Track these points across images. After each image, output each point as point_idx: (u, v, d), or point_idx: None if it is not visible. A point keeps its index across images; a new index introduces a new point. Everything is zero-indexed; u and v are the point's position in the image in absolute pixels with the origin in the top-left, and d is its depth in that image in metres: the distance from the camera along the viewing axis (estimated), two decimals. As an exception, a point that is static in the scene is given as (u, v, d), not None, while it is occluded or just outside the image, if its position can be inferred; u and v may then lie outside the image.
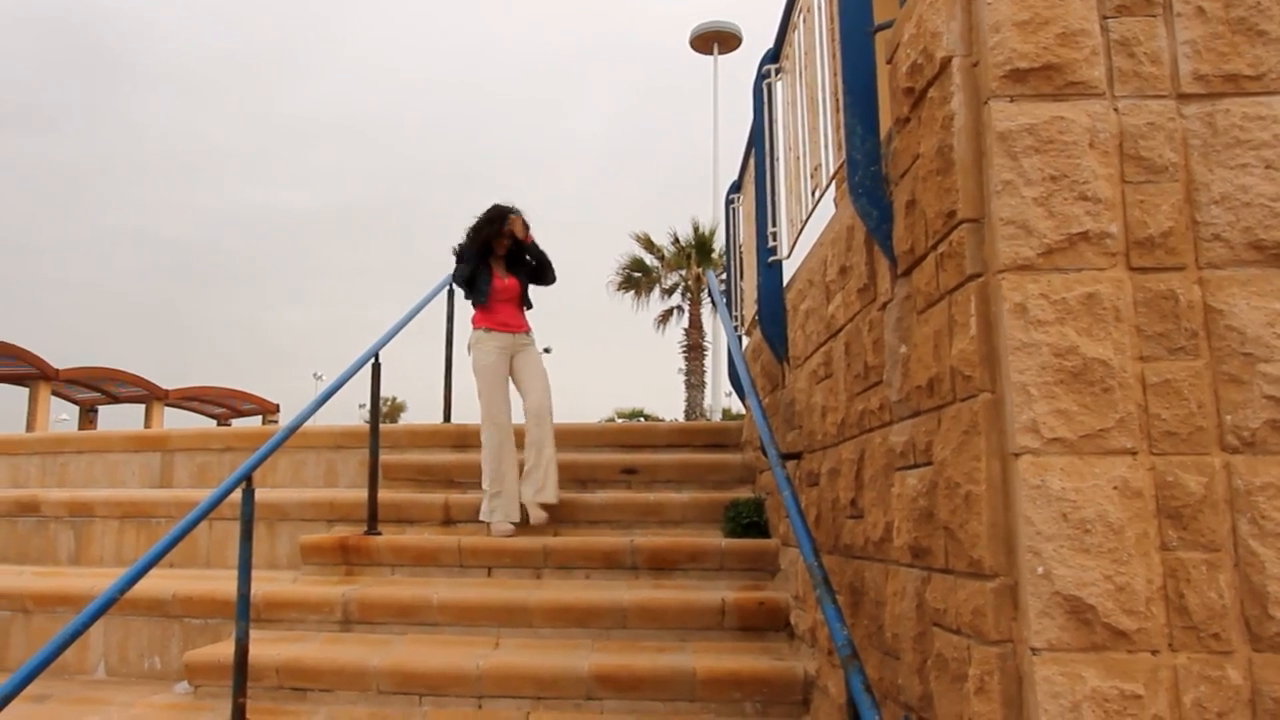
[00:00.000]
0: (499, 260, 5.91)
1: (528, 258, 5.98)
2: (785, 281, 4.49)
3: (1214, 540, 1.84)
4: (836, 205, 3.55)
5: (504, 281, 5.86)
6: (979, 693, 1.99)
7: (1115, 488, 1.86)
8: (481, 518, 5.50)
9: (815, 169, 3.63)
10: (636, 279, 29.26)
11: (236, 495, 4.10)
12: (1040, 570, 1.85)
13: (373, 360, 5.56)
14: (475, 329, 5.78)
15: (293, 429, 4.72)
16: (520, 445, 5.69)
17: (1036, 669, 1.82)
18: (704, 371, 27.58)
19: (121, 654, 5.18)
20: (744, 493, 5.64)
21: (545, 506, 5.52)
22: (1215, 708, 1.78)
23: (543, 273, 6.02)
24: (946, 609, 2.20)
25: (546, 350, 5.86)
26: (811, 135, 3.66)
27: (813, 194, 3.70)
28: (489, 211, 5.88)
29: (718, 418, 22.50)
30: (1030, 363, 1.93)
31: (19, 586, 5.44)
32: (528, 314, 6.04)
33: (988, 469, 1.99)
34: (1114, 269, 1.96)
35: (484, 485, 5.52)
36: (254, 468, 4.14)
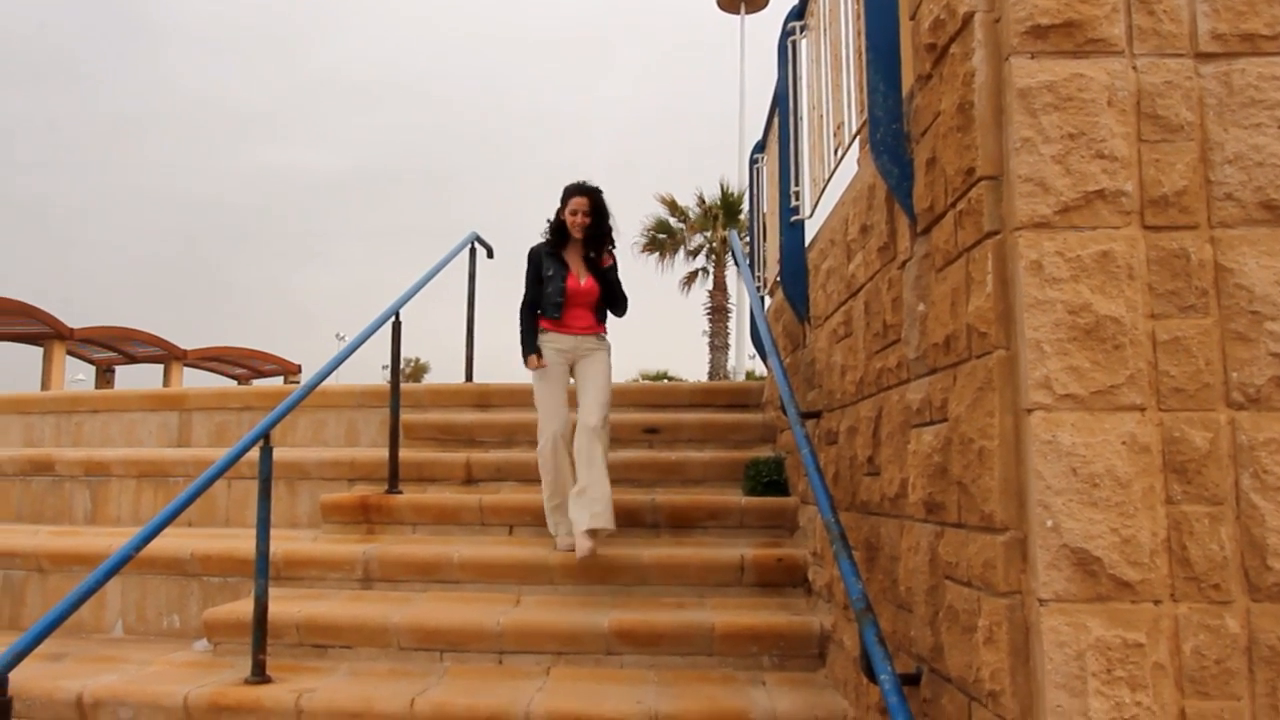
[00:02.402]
0: (577, 255, 5.19)
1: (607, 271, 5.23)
2: (807, 241, 4.57)
3: (1217, 494, 1.94)
4: (859, 164, 3.62)
5: (581, 284, 5.13)
6: (988, 643, 2.11)
7: (1124, 443, 1.96)
8: (551, 531, 5.02)
9: (838, 127, 3.69)
10: (661, 241, 29.36)
11: (255, 454, 4.25)
12: (1050, 523, 1.95)
13: (393, 319, 5.69)
14: (541, 327, 5.15)
15: (311, 387, 4.88)
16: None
17: (1043, 619, 1.92)
18: (727, 333, 27.72)
19: (139, 612, 5.36)
20: (764, 451, 5.77)
21: (593, 533, 4.75)
22: (1213, 655, 1.89)
23: (614, 300, 5.27)
24: (958, 562, 2.31)
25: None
26: (835, 93, 3.72)
27: (835, 152, 3.77)
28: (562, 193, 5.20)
29: (740, 379, 22.61)
30: (1045, 320, 2.01)
31: (34, 546, 5.62)
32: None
33: (1001, 425, 2.08)
34: (1128, 227, 2.04)
35: (543, 497, 5.03)
36: (272, 425, 4.29)
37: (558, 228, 5.17)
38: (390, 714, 3.71)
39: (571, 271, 5.12)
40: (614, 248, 5.26)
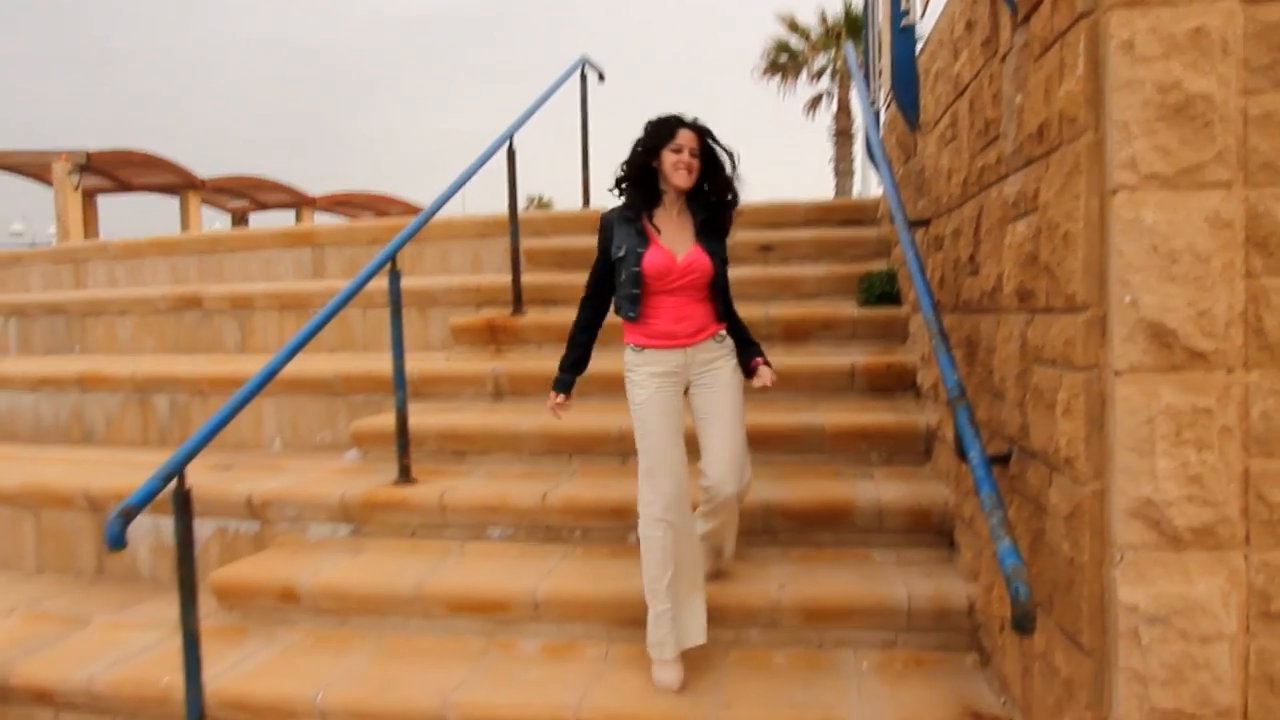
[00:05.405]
0: (676, 219, 3.45)
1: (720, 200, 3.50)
2: (918, 47, 4.54)
3: (1297, 266, 2.02)
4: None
5: (677, 260, 3.35)
6: (1065, 414, 2.27)
7: (1206, 219, 2.04)
8: (649, 648, 3.32)
9: (946, -84, 3.63)
10: (782, 64, 28.45)
11: (386, 282, 4.61)
12: (1128, 299, 2.07)
13: (507, 145, 5.90)
14: (626, 344, 3.47)
15: (432, 212, 5.18)
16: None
17: (1117, 389, 2.07)
18: (852, 158, 26.96)
19: (294, 429, 5.90)
20: (879, 265, 5.87)
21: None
22: (1281, 417, 2.02)
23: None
24: (1044, 345, 2.45)
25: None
26: (942, -122, 3.64)
27: (944, -56, 3.72)
28: (649, 128, 3.45)
29: (867, 203, 22.19)
30: (1133, 99, 2.07)
31: (195, 372, 6.18)
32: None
33: (1086, 207, 2.18)
34: (1225, 0, 2.05)
35: (646, 592, 3.33)
36: (397, 249, 4.62)
37: (641, 178, 3.43)
38: (524, 507, 4.14)
39: (655, 241, 3.38)
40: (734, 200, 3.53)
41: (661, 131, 3.39)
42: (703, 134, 3.42)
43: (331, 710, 3.27)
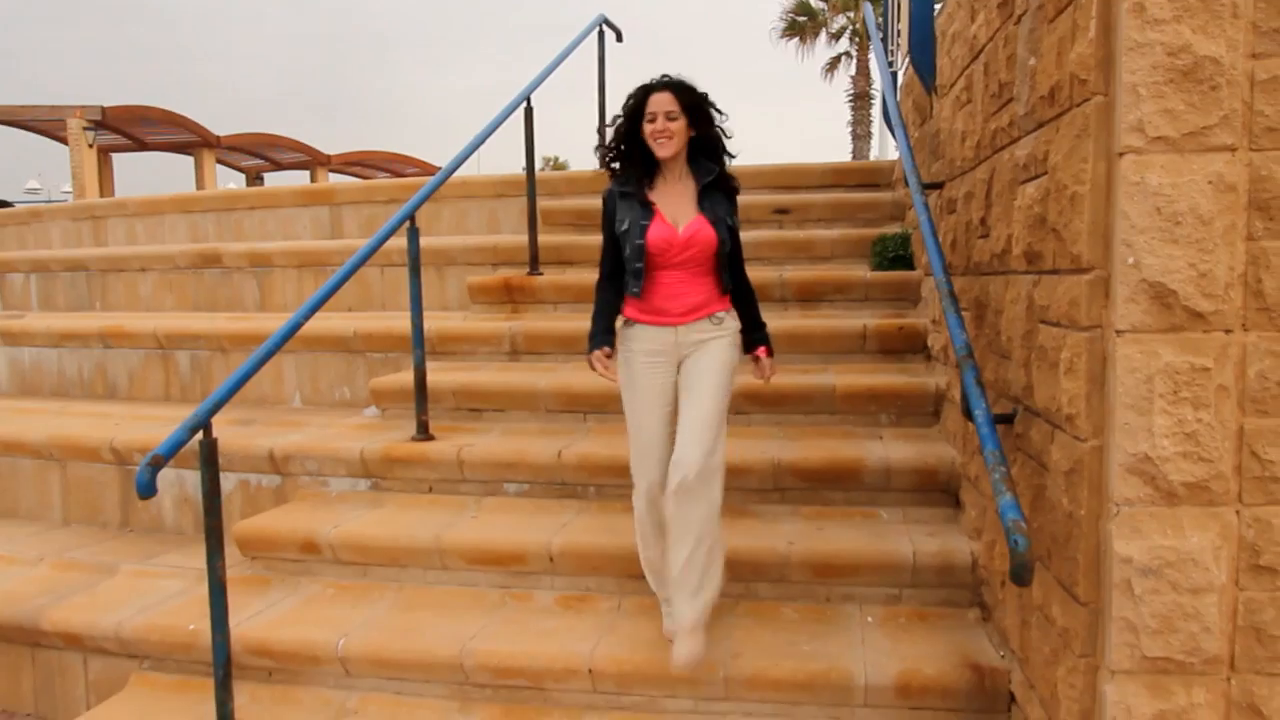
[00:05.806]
0: (675, 190, 3.27)
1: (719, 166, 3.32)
2: (936, 9, 4.56)
3: (1299, 229, 2.06)
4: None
5: (679, 232, 3.19)
6: (1068, 373, 2.34)
7: (1210, 182, 2.09)
8: (665, 629, 3.35)
9: (965, -124, 3.64)
10: (801, 24, 28.22)
11: (405, 242, 4.68)
12: (1131, 261, 2.12)
13: (525, 104, 5.94)
14: (623, 317, 3.36)
15: (451, 170, 5.23)
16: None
17: (1118, 349, 2.13)
18: (870, 122, 26.81)
19: (314, 386, 6.02)
20: (893, 228, 5.92)
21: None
22: (1276, 378, 2.08)
23: (736, 255, 3.37)
24: (1049, 305, 2.51)
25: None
26: None
27: (962, -95, 3.73)
28: (624, 104, 3.31)
29: (886, 166, 22.04)
30: (1143, 63, 2.11)
31: (215, 329, 6.30)
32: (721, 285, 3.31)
33: (1093, 170, 2.23)
34: (1237, -37, 2.08)
35: (646, 575, 3.43)
36: (416, 207, 4.68)
37: (631, 152, 3.31)
38: (540, 463, 4.24)
39: (659, 213, 3.23)
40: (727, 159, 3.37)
41: (636, 105, 3.24)
42: (677, 91, 3.21)
43: (353, 657, 3.39)
